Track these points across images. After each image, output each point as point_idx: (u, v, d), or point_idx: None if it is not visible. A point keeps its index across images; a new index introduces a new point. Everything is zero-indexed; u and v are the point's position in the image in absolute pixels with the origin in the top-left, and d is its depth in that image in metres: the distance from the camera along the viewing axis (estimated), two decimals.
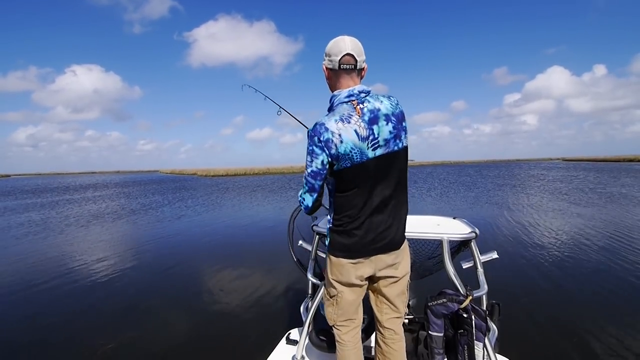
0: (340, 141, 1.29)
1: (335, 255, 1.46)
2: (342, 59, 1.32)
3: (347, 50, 1.32)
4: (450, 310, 1.63)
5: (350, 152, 1.30)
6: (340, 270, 1.47)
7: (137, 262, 5.66)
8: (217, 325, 3.33)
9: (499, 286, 3.85)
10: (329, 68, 1.38)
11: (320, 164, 1.34)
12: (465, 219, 2.02)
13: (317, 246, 2.08)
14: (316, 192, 1.43)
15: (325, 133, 1.30)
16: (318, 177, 1.37)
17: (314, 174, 1.37)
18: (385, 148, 1.34)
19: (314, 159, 1.34)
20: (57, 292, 4.39)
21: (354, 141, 1.30)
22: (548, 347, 2.73)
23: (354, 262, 1.43)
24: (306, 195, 1.45)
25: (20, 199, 19.00)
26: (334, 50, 1.34)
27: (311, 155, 1.35)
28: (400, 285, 1.54)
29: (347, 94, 1.34)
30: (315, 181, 1.39)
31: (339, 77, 1.37)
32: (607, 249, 5.41)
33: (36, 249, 6.75)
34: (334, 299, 1.55)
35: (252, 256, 5.74)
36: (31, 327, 3.42)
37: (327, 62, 1.37)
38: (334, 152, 1.30)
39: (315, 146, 1.33)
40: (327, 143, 1.30)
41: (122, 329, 3.28)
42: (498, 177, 25.90)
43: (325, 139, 1.30)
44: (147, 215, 11.03)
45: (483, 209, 10.02)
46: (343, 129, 1.29)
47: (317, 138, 1.32)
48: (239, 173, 51.14)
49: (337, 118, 1.31)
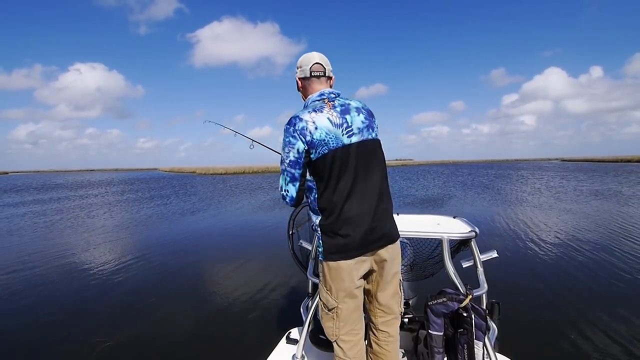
0: (315, 128, 1.34)
1: (333, 260, 1.38)
2: (312, 67, 1.47)
3: (315, 60, 1.48)
4: (450, 309, 1.63)
5: (325, 137, 1.35)
6: (341, 275, 1.38)
7: (137, 260, 5.64)
8: (217, 325, 3.33)
9: (499, 285, 3.85)
10: (301, 77, 1.50)
11: (296, 153, 1.37)
12: (465, 218, 2.02)
13: (317, 246, 2.08)
14: (298, 181, 1.42)
15: (299, 122, 1.36)
16: (297, 166, 1.39)
17: (292, 163, 1.39)
18: (360, 136, 1.41)
19: (290, 149, 1.38)
20: (56, 288, 4.39)
21: (328, 127, 1.36)
22: (548, 345, 2.73)
23: (354, 262, 1.38)
24: (289, 185, 1.43)
25: (28, 195, 18.98)
26: (305, 61, 1.49)
27: (288, 146, 1.39)
28: (394, 285, 1.51)
29: (318, 94, 1.45)
30: (295, 170, 1.40)
31: (311, 84, 1.49)
32: (606, 247, 5.42)
33: (35, 246, 6.74)
34: (333, 311, 1.44)
35: (253, 256, 5.74)
36: (30, 323, 3.42)
37: (299, 72, 1.50)
38: (309, 139, 1.34)
39: (291, 137, 1.37)
40: (302, 131, 1.35)
41: (120, 327, 3.28)
42: (498, 177, 25.94)
43: (300, 127, 1.35)
44: (148, 214, 11.01)
45: (483, 208, 10.03)
46: (316, 117, 1.37)
47: (292, 129, 1.37)
48: (238, 171, 51.11)
49: (310, 110, 1.40)
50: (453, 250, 1.85)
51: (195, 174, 51.42)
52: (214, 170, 53.36)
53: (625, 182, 18.07)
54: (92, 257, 5.97)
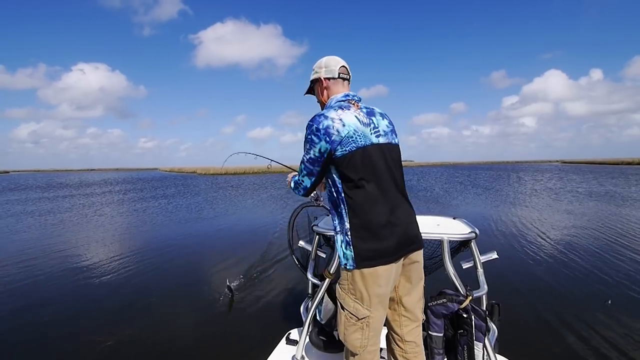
0: (342, 125, 1.31)
1: (368, 266, 1.29)
2: (340, 69, 1.49)
3: (342, 63, 1.50)
4: (450, 310, 1.63)
5: (353, 134, 1.31)
6: (378, 282, 1.30)
7: (138, 259, 5.64)
8: (217, 325, 3.33)
9: (498, 286, 3.85)
10: (327, 77, 1.49)
11: (317, 152, 1.34)
12: (465, 219, 2.02)
13: (317, 246, 2.08)
14: (314, 176, 1.40)
15: (324, 121, 1.32)
16: (316, 164, 1.36)
17: (312, 160, 1.37)
18: (387, 138, 1.40)
19: (312, 147, 1.34)
20: (58, 287, 4.40)
21: (356, 124, 1.33)
22: (547, 346, 2.73)
23: (388, 267, 1.31)
24: (304, 177, 1.42)
25: (33, 193, 18.97)
26: (332, 62, 1.50)
27: (310, 144, 1.35)
28: (420, 289, 1.50)
29: (343, 95, 1.45)
30: (314, 167, 1.38)
31: (336, 85, 1.49)
32: (607, 248, 5.41)
33: (39, 245, 6.75)
34: (364, 321, 1.35)
35: (253, 256, 5.73)
36: (31, 322, 3.42)
37: (325, 72, 1.49)
38: (335, 137, 1.29)
39: (313, 135, 1.33)
40: (327, 130, 1.30)
41: (121, 327, 3.28)
42: (497, 178, 25.92)
43: (324, 126, 1.31)
44: (152, 213, 11.01)
45: (483, 209, 10.03)
46: (343, 115, 1.34)
47: (315, 127, 1.33)
48: (239, 172, 51.07)
49: (336, 108, 1.38)
50: (453, 251, 1.85)
51: (196, 174, 51.41)
52: (215, 170, 53.28)
53: (622, 184, 18.06)
54: (95, 256, 5.97)
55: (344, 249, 1.34)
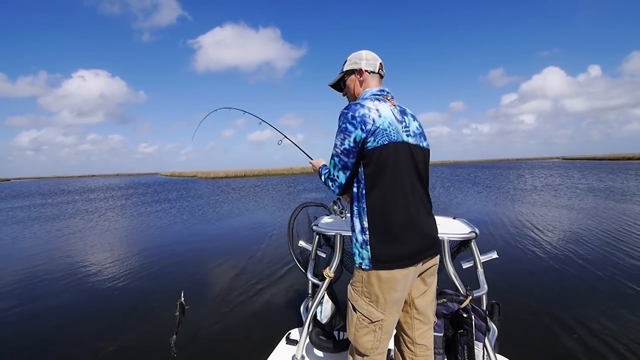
0: (378, 115, 1.27)
1: (385, 268, 1.25)
2: (379, 64, 1.47)
3: (380, 60, 1.49)
4: (450, 310, 1.63)
5: (388, 127, 1.26)
6: (395, 287, 1.26)
7: (141, 264, 5.64)
8: (217, 325, 3.33)
9: (499, 286, 3.85)
10: (367, 70, 1.45)
11: (352, 141, 1.26)
12: (465, 219, 2.02)
13: (317, 246, 2.08)
14: (349, 170, 1.30)
15: (361, 109, 1.28)
16: (351, 155, 1.28)
17: (346, 151, 1.28)
18: (416, 140, 1.37)
19: (346, 137, 1.27)
20: (62, 292, 4.38)
21: (391, 118, 1.30)
22: (548, 346, 2.72)
23: (407, 271, 1.28)
24: (339, 172, 1.32)
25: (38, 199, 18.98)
26: (372, 56, 1.48)
27: (344, 133, 1.28)
28: (433, 291, 1.49)
29: (379, 89, 1.42)
30: (349, 159, 1.28)
31: (374, 79, 1.47)
32: (607, 246, 5.40)
33: (42, 250, 6.76)
34: (377, 324, 1.31)
35: (253, 256, 5.74)
36: (33, 328, 3.41)
37: (366, 64, 1.46)
38: (370, 126, 1.24)
39: (348, 123, 1.27)
40: (363, 118, 1.25)
41: (123, 332, 3.26)
42: (497, 177, 25.91)
43: (360, 114, 1.26)
44: (155, 218, 11.02)
45: (483, 209, 10.02)
46: (380, 106, 1.31)
47: (350, 114, 1.27)
48: (239, 175, 51.04)
49: (372, 99, 1.35)
50: (453, 251, 1.85)
51: (197, 178, 51.33)
52: (215, 174, 53.22)
53: (620, 179, 18.05)
54: (100, 261, 5.96)
55: (359, 247, 1.29)
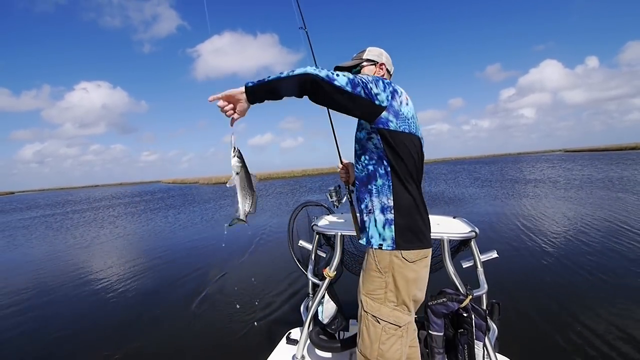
0: (407, 103, 1.28)
1: (413, 248, 1.21)
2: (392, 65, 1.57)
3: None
4: (451, 309, 1.63)
5: (411, 118, 1.28)
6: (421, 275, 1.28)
7: (143, 271, 5.63)
8: (218, 326, 3.33)
9: (499, 285, 3.85)
10: (388, 70, 1.54)
11: (371, 92, 1.16)
12: (465, 218, 2.02)
13: (317, 246, 2.08)
14: (355, 89, 1.13)
15: (395, 86, 1.27)
16: (362, 91, 1.14)
17: (364, 83, 1.15)
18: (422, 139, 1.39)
19: (374, 84, 1.18)
20: (65, 301, 4.39)
21: (414, 111, 1.33)
22: (548, 346, 2.72)
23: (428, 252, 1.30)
24: (343, 79, 1.12)
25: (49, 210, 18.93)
26: (389, 59, 1.55)
27: (375, 82, 1.19)
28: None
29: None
30: (357, 88, 1.13)
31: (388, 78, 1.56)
32: (607, 243, 5.39)
33: (50, 258, 6.76)
34: (403, 328, 1.24)
35: (253, 257, 5.74)
36: (38, 337, 3.40)
37: (387, 61, 1.53)
38: (396, 107, 1.22)
39: (383, 82, 1.22)
40: (393, 94, 1.23)
41: (128, 340, 3.23)
42: (498, 172, 25.89)
43: (393, 89, 1.24)
44: (160, 225, 11.02)
45: (482, 208, 10.02)
46: (407, 96, 1.32)
47: (387, 82, 1.25)
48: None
49: None
50: (453, 250, 1.85)
51: (199, 184, 51.13)
52: (217, 179, 52.98)
53: (619, 169, 18.03)
54: (102, 269, 5.92)
55: (380, 228, 1.23)
